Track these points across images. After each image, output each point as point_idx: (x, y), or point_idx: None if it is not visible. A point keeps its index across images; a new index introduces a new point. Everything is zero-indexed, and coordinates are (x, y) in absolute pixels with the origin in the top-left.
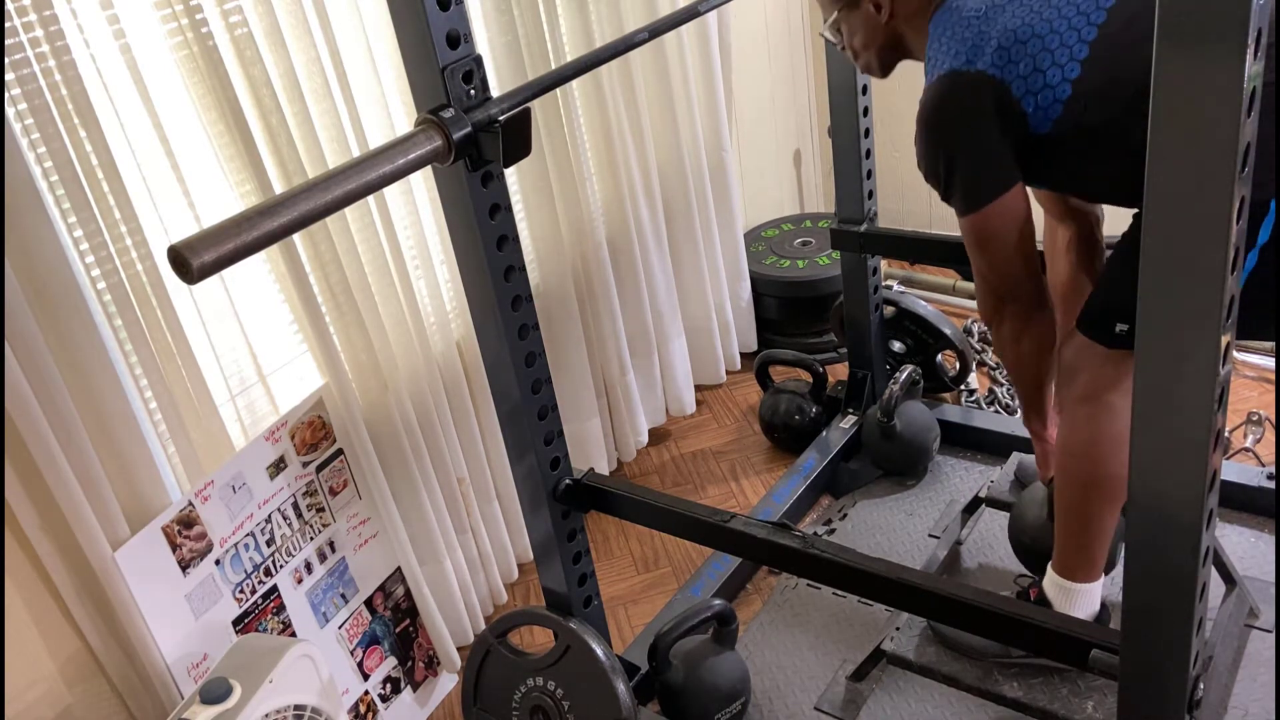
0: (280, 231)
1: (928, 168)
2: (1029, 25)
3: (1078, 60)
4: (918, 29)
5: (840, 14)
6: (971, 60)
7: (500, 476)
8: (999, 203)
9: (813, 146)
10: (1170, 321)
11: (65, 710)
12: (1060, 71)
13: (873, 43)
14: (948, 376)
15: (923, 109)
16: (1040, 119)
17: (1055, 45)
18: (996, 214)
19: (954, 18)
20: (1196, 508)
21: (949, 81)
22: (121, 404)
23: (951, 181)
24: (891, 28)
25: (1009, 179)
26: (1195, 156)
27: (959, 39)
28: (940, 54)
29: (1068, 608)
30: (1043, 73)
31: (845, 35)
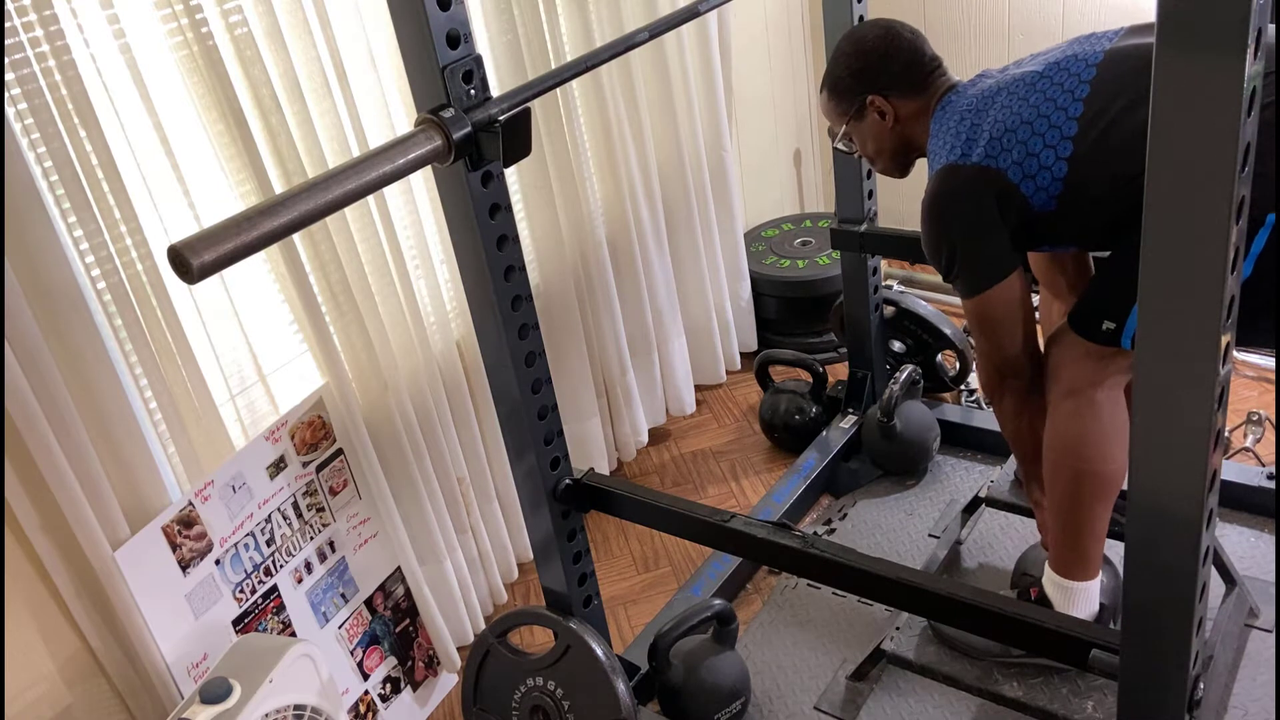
0: (280, 231)
1: (931, 254)
2: (1017, 114)
3: (1069, 137)
4: (921, 127)
5: (849, 126)
6: (967, 153)
7: (500, 476)
8: (999, 288)
9: (813, 146)
10: (1170, 321)
11: (65, 710)
12: (1053, 152)
13: (884, 147)
14: (948, 376)
15: (926, 201)
16: (1043, 199)
17: (1044, 128)
18: (997, 298)
19: (950, 114)
20: (1196, 507)
21: (948, 174)
22: (121, 404)
23: (953, 267)
24: (898, 131)
25: (1008, 265)
26: (1195, 156)
27: (954, 134)
28: (939, 149)
29: (1067, 607)
30: (1036, 156)
31: (858, 144)
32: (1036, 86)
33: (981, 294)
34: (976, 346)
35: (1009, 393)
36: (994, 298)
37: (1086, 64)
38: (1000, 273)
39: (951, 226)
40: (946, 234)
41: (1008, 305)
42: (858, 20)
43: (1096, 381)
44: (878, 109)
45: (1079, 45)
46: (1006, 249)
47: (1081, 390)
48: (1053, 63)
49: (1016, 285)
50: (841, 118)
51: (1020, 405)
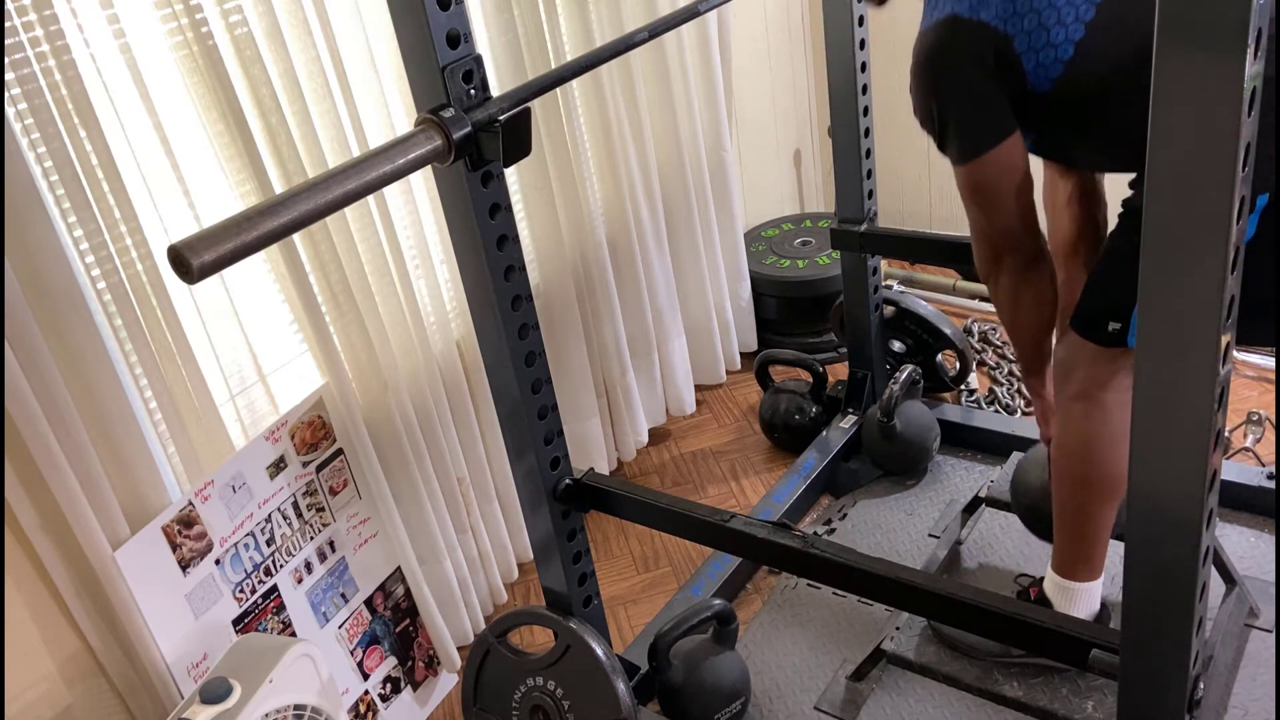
0: (280, 231)
1: (922, 114)
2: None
3: (1083, 22)
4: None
5: None
6: (976, 8)
7: (500, 476)
8: (997, 151)
9: (813, 146)
10: (1170, 321)
11: (65, 710)
12: (1065, 31)
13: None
14: (948, 376)
15: (919, 53)
16: (1040, 77)
17: (1063, 4)
18: (993, 164)
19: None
20: (1196, 507)
21: (949, 27)
22: (121, 404)
23: (946, 129)
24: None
25: (1006, 128)
26: (1195, 156)
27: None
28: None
29: (1068, 607)
30: (1047, 30)
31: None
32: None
33: (977, 158)
34: (970, 221)
35: (1005, 271)
36: (990, 163)
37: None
38: (998, 134)
39: (947, 81)
40: (941, 89)
41: (1004, 173)
42: (858, 20)
43: (1106, 383)
44: None
45: None
46: (1005, 110)
47: (1091, 393)
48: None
49: (1016, 149)
50: None
51: (1017, 284)
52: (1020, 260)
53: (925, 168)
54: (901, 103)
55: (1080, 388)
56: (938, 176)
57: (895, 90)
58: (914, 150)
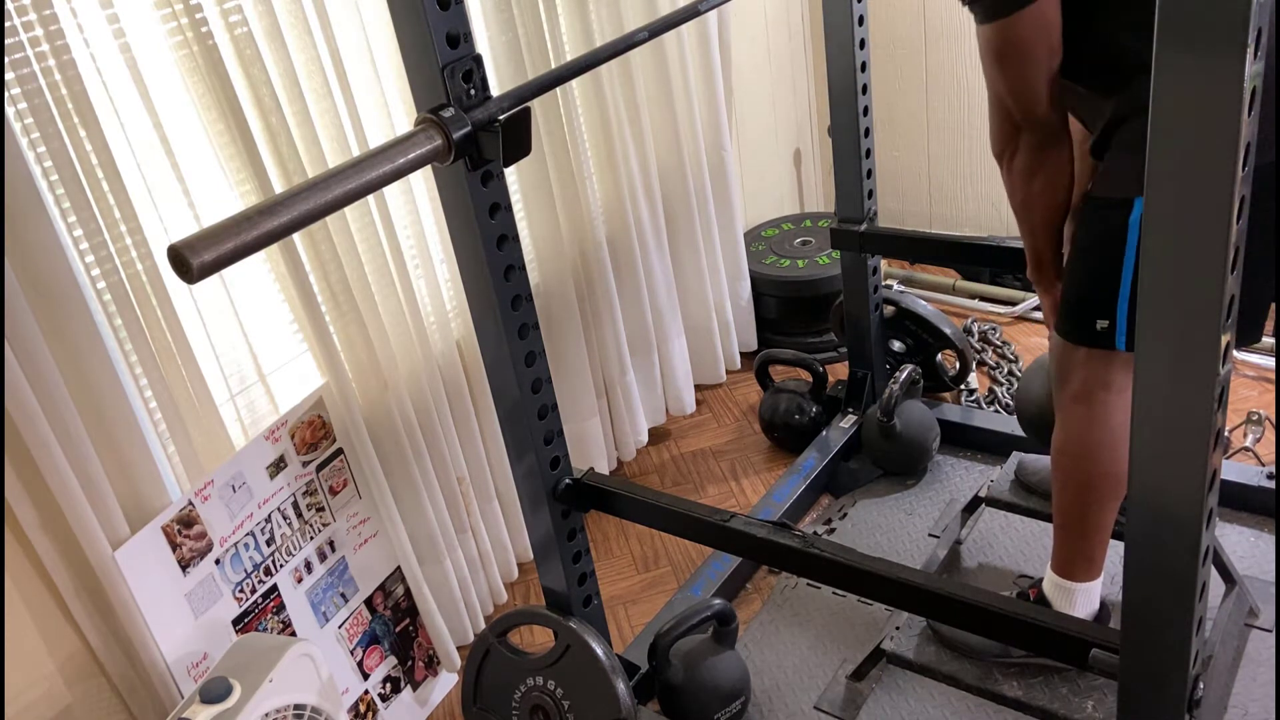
0: (280, 231)
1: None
2: None
3: None
4: None
5: None
6: None
7: (500, 476)
8: (1031, 9)
9: (813, 146)
10: (1170, 321)
11: (65, 709)
12: None
13: None
14: (948, 376)
15: None
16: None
17: None
18: (1027, 22)
19: None
20: (1196, 507)
21: None
22: (121, 403)
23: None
24: None
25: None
26: (1195, 156)
27: None
28: None
29: (1067, 607)
30: None
31: None
32: None
33: (1009, 15)
34: (989, 87)
35: (1023, 147)
36: (1023, 22)
37: None
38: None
39: None
40: None
41: (1036, 34)
42: (858, 20)
43: (1105, 384)
44: None
45: None
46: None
47: (1091, 394)
48: None
49: (1051, 8)
50: None
51: (1034, 164)
52: (1039, 136)
53: (925, 168)
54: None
55: (1079, 389)
56: (938, 176)
57: (895, 90)
58: (914, 150)
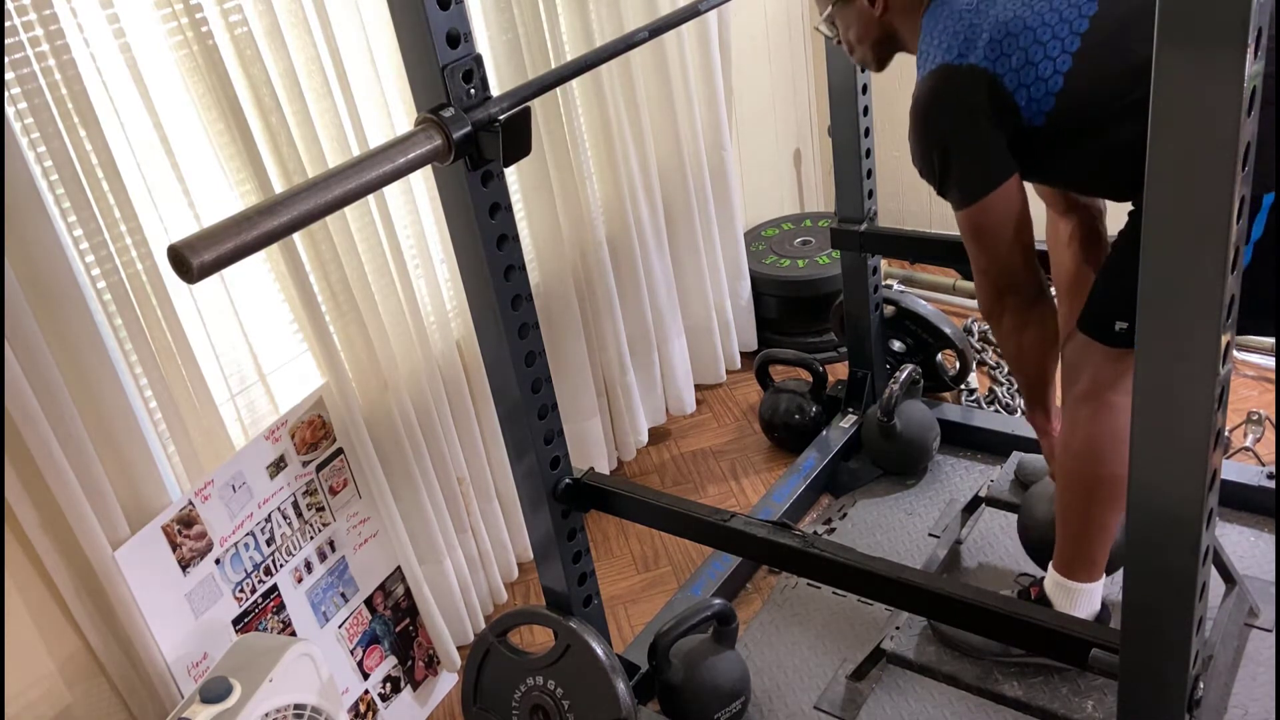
0: (280, 231)
1: (922, 162)
2: (1020, 18)
3: (1069, 52)
4: (911, 23)
5: (835, 8)
6: (964, 54)
7: (500, 476)
8: (995, 195)
9: (813, 146)
10: (1170, 321)
11: (65, 709)
12: (1052, 64)
13: (867, 36)
14: (948, 376)
15: (916, 103)
16: (1033, 111)
17: (1047, 37)
18: (993, 207)
19: (946, 11)
20: (1196, 507)
21: (941, 75)
22: (121, 403)
23: (947, 175)
24: (885, 21)
25: (1004, 171)
26: (1195, 156)
27: (951, 32)
28: (932, 48)
29: (1068, 607)
30: (1034, 65)
31: (840, 29)
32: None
33: (977, 202)
34: (972, 262)
35: (1008, 310)
36: (990, 206)
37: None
38: (997, 178)
39: (944, 128)
40: (939, 136)
41: (1005, 215)
42: None
43: (1113, 384)
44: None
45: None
46: (1003, 153)
47: (1099, 394)
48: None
49: (1014, 192)
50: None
51: (1020, 322)
52: (1022, 299)
53: None
54: (901, 102)
55: (1088, 388)
56: None
57: (895, 90)
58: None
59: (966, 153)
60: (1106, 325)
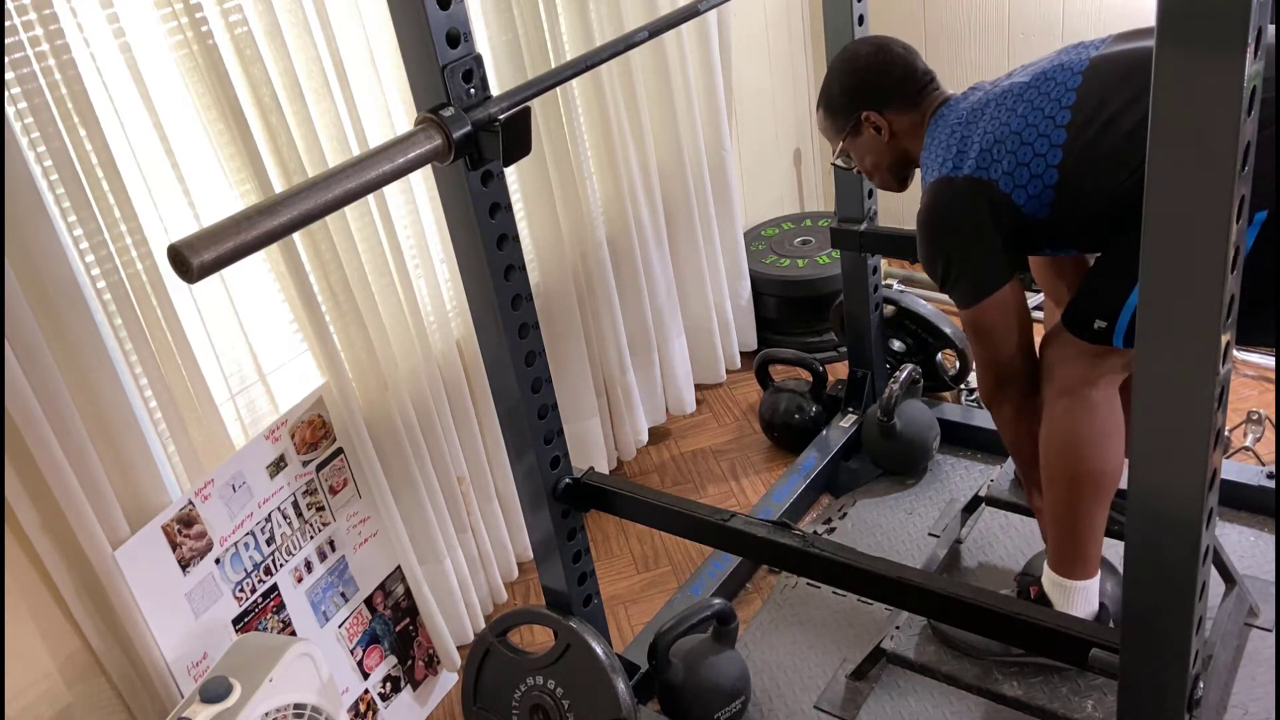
0: (280, 230)
1: (928, 265)
2: (1005, 125)
3: (1057, 146)
4: (917, 141)
5: (846, 142)
6: (958, 166)
7: (500, 476)
8: (995, 297)
9: (813, 146)
10: (1170, 321)
11: (65, 709)
12: (1043, 160)
13: (882, 161)
14: (948, 375)
15: (920, 214)
16: (1035, 206)
17: (1033, 138)
18: (994, 306)
19: (942, 127)
20: (1196, 507)
21: (941, 188)
22: (121, 403)
23: (948, 278)
24: (894, 145)
25: (1002, 276)
26: (1195, 156)
27: (946, 147)
28: (931, 162)
29: (1066, 605)
30: (1026, 165)
31: (856, 160)
32: (1024, 97)
33: (978, 304)
34: (974, 355)
35: (1008, 400)
36: (991, 306)
37: (1072, 72)
38: (996, 282)
39: (947, 239)
40: (942, 246)
41: (1004, 313)
42: (858, 20)
43: (1091, 380)
44: (873, 124)
45: (1066, 55)
46: (1001, 259)
47: (1076, 389)
48: (1040, 73)
49: (1012, 294)
50: (838, 135)
51: (1019, 411)
52: (1021, 388)
53: None
54: None
55: (1065, 384)
56: None
57: None
58: None
59: (967, 259)
60: (1087, 322)
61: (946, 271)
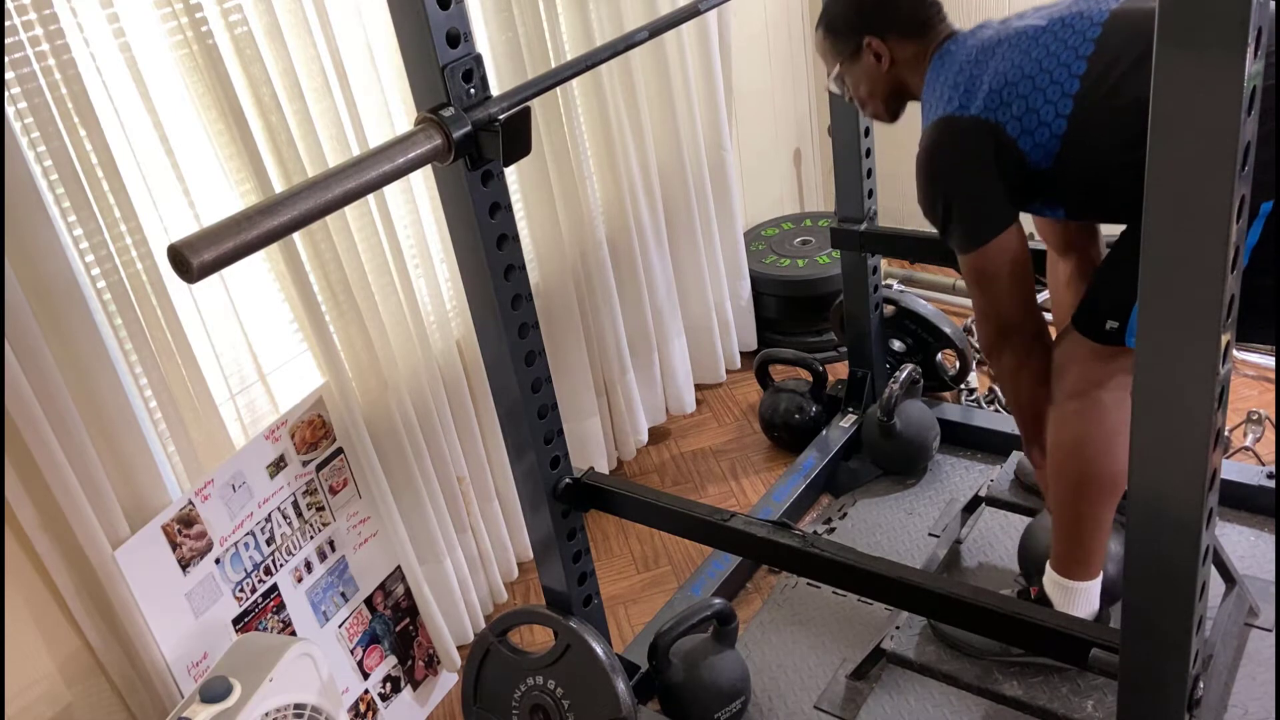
0: (280, 230)
1: (927, 208)
2: (1019, 67)
3: (1069, 95)
4: (918, 74)
5: (843, 67)
6: (965, 105)
7: (500, 476)
8: (996, 242)
9: (813, 146)
10: (1170, 321)
11: (65, 709)
12: (1054, 109)
13: (877, 91)
14: (948, 375)
15: (921, 153)
16: (1040, 155)
17: (1046, 84)
18: (994, 252)
19: (949, 62)
20: (1196, 507)
21: (944, 127)
22: (121, 403)
23: (949, 222)
24: (893, 75)
25: (1005, 219)
26: (1195, 156)
27: (952, 85)
28: (935, 99)
29: (1067, 606)
30: (1036, 112)
31: (850, 86)
32: (1040, 41)
33: (978, 248)
34: (974, 304)
35: (1009, 350)
36: (991, 252)
37: (1092, 22)
38: (998, 226)
39: (948, 179)
40: (942, 186)
41: (1005, 260)
42: None
43: (1102, 382)
44: (874, 51)
45: (1084, 3)
46: (1003, 202)
47: (1087, 391)
48: (1057, 19)
49: (1014, 239)
50: (836, 58)
51: (1020, 363)
52: (1021, 339)
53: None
54: None
55: (1076, 385)
56: None
57: None
58: (914, 150)
59: (968, 202)
60: (1097, 323)
61: (947, 214)
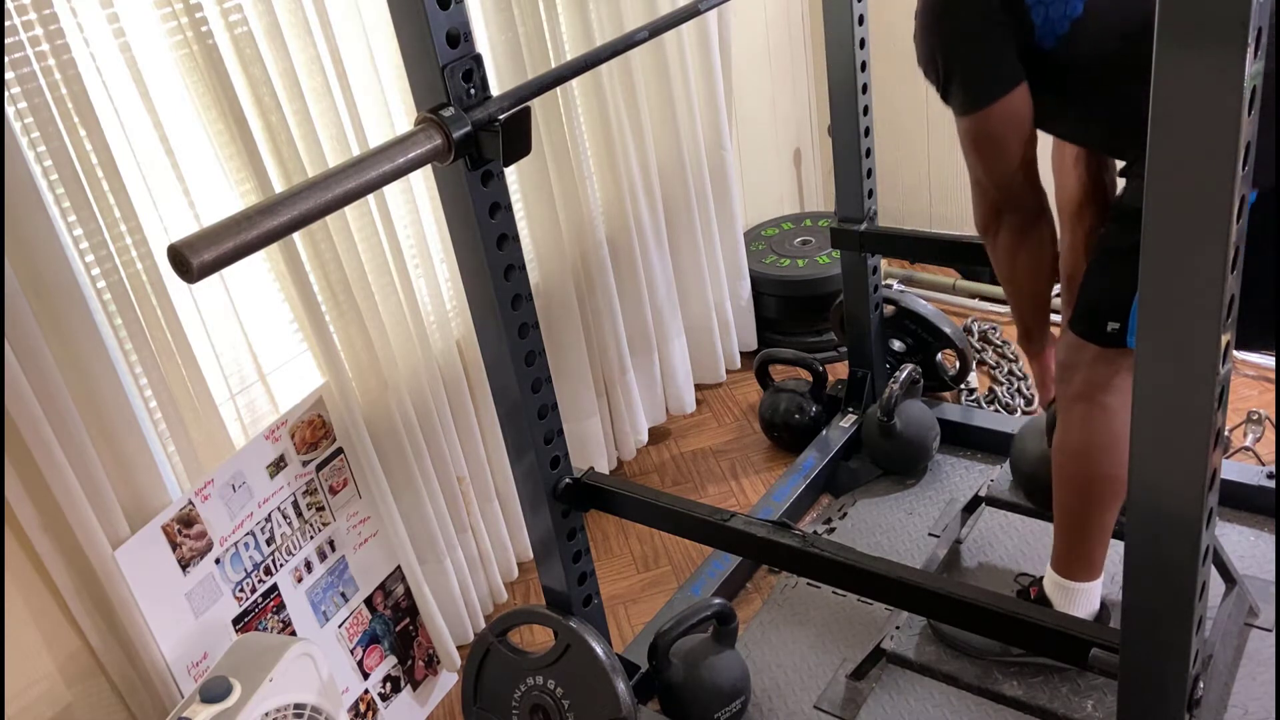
0: (280, 230)
1: (926, 61)
2: None
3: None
4: None
5: None
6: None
7: (500, 475)
8: (1001, 104)
9: (813, 146)
10: (1170, 321)
11: (65, 709)
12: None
13: None
14: (948, 375)
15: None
16: (1047, 32)
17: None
18: (997, 116)
19: None
20: (1196, 507)
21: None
22: (121, 403)
23: (951, 78)
24: None
25: (1012, 78)
26: (1195, 156)
27: None
28: None
29: (1068, 606)
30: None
31: None
32: None
33: (981, 109)
34: (971, 174)
35: (1005, 228)
36: (995, 115)
37: None
38: (1004, 85)
39: (952, 29)
40: (946, 37)
41: (1008, 126)
42: (858, 20)
43: (1107, 385)
44: None
45: None
46: (1012, 60)
47: (1093, 396)
48: None
49: (1022, 101)
50: None
51: (1017, 242)
52: (1020, 218)
53: (925, 167)
54: (902, 102)
55: (1081, 389)
56: (938, 176)
57: (895, 90)
58: (914, 150)
59: (973, 56)
60: (1098, 326)
61: (949, 67)
